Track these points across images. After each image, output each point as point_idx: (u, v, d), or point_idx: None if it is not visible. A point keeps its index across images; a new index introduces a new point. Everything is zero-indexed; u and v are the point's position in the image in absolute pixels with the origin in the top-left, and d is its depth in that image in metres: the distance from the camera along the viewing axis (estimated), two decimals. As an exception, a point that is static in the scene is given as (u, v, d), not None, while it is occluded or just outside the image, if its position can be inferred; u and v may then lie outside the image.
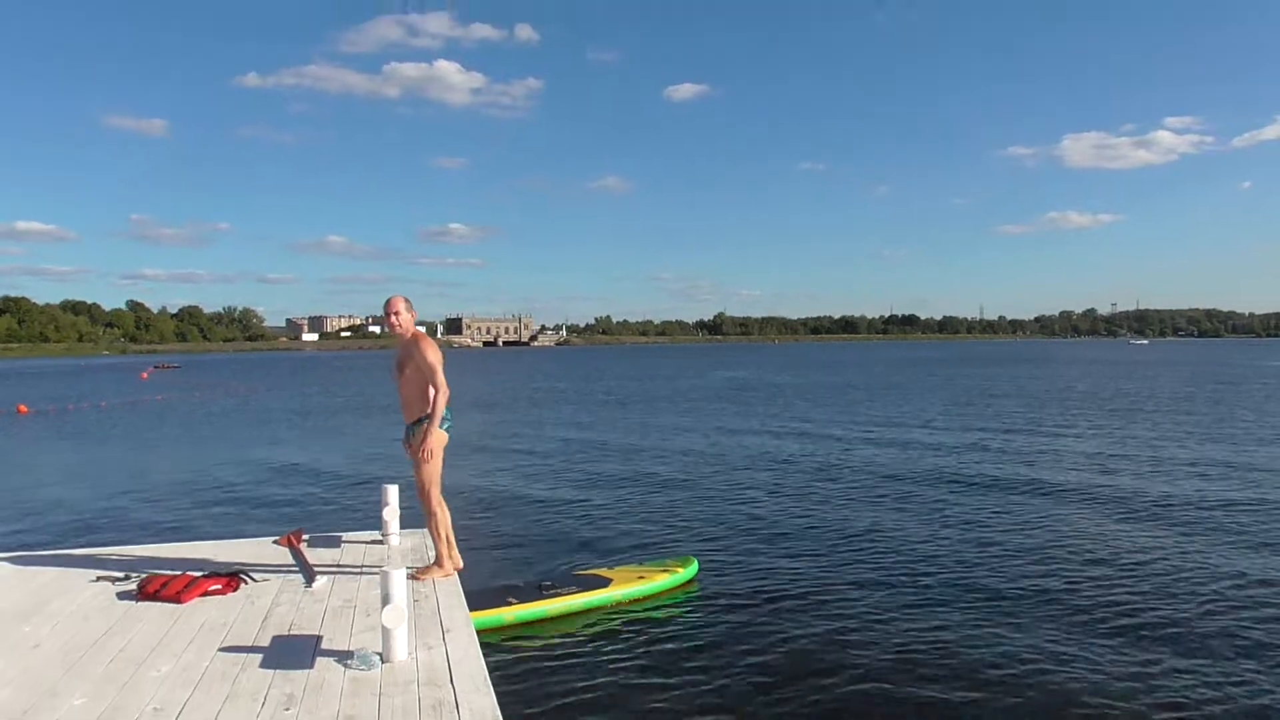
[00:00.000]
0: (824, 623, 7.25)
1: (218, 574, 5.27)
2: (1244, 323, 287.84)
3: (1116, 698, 5.68)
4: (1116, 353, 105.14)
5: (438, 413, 5.41)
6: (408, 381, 5.58)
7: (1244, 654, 6.38)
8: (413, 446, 5.50)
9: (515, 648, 6.72)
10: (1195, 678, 5.96)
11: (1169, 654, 6.39)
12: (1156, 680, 5.94)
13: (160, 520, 11.68)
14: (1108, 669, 6.13)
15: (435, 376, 5.42)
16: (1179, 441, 18.40)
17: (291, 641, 4.26)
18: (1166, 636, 6.75)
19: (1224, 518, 10.84)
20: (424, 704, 3.48)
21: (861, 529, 10.69)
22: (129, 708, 3.49)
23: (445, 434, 5.52)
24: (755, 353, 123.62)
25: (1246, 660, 6.26)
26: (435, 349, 5.52)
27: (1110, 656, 6.39)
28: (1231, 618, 7.14)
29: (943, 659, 6.43)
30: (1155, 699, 5.66)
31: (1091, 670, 6.13)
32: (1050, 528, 10.68)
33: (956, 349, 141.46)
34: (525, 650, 6.68)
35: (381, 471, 15.03)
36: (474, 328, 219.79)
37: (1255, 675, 5.99)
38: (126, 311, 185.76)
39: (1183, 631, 6.86)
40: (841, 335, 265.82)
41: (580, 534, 10.76)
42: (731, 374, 57.31)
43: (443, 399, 5.43)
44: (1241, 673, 6.04)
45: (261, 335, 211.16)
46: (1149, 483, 13.42)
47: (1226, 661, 6.24)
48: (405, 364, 5.60)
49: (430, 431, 5.40)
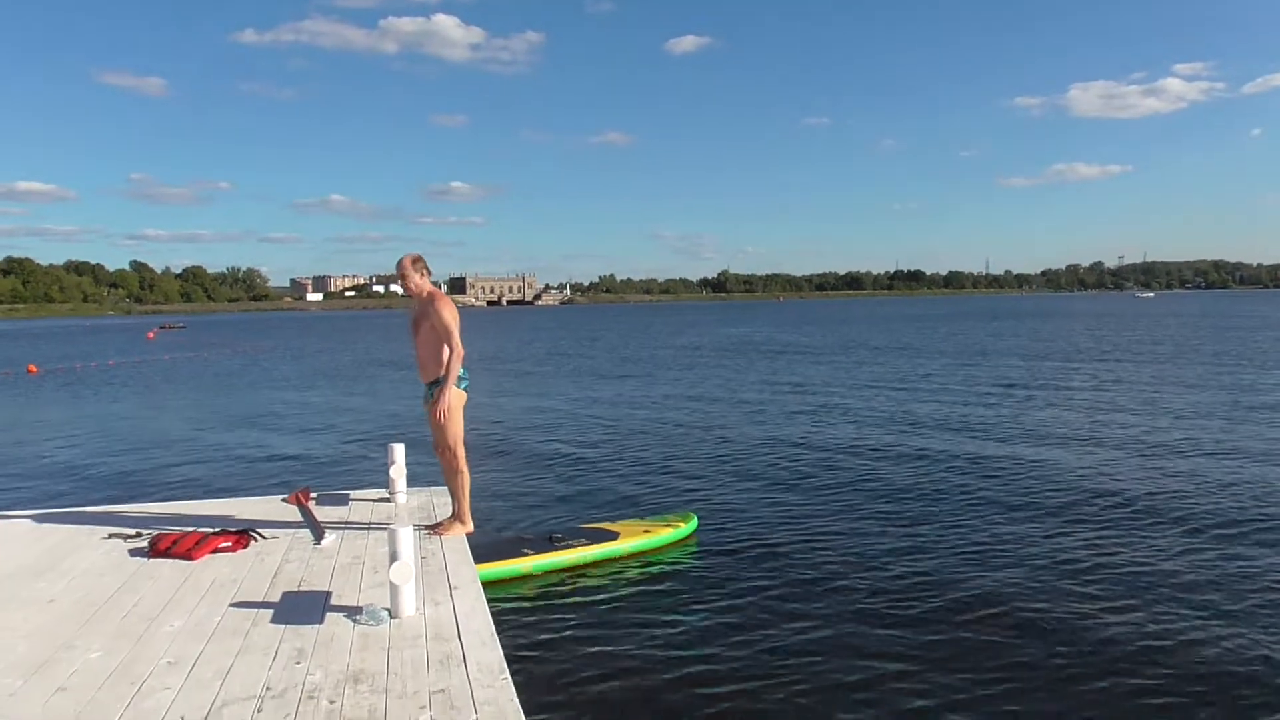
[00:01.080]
0: (820, 572, 7.41)
1: (228, 531, 5.35)
2: (1252, 274, 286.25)
3: (1121, 646, 5.76)
4: (1121, 305, 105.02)
5: (453, 373, 5.43)
6: (424, 342, 5.57)
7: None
8: (431, 407, 5.54)
9: (522, 600, 6.83)
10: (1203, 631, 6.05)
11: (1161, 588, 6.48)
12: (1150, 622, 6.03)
13: (170, 479, 11.81)
14: (1114, 618, 6.22)
15: (450, 337, 5.43)
16: (1155, 387, 18.47)
17: (301, 597, 4.34)
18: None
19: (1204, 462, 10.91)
20: (432, 658, 3.56)
21: (852, 481, 10.87)
22: (144, 660, 3.57)
23: (463, 393, 5.55)
24: (759, 310, 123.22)
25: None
26: (451, 308, 5.51)
27: (1114, 602, 6.50)
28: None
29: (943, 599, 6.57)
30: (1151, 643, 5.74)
31: (1087, 618, 6.22)
32: (1036, 473, 10.94)
33: (961, 304, 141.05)
34: (533, 602, 6.78)
35: (389, 430, 15.12)
36: (478, 287, 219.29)
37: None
38: (130, 272, 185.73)
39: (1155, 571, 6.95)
40: (847, 291, 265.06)
41: (581, 488, 10.87)
42: (735, 330, 57.28)
43: (457, 359, 5.45)
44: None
45: (266, 295, 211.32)
46: (1128, 428, 13.49)
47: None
48: (420, 324, 5.59)
49: (446, 391, 5.43)
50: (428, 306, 5.53)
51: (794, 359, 32.04)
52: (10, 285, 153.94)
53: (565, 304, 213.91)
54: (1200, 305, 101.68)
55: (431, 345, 5.53)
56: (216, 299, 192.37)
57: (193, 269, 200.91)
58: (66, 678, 3.41)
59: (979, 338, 43.59)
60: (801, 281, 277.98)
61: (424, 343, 5.58)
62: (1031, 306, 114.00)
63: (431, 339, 5.53)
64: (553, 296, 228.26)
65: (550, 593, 7.01)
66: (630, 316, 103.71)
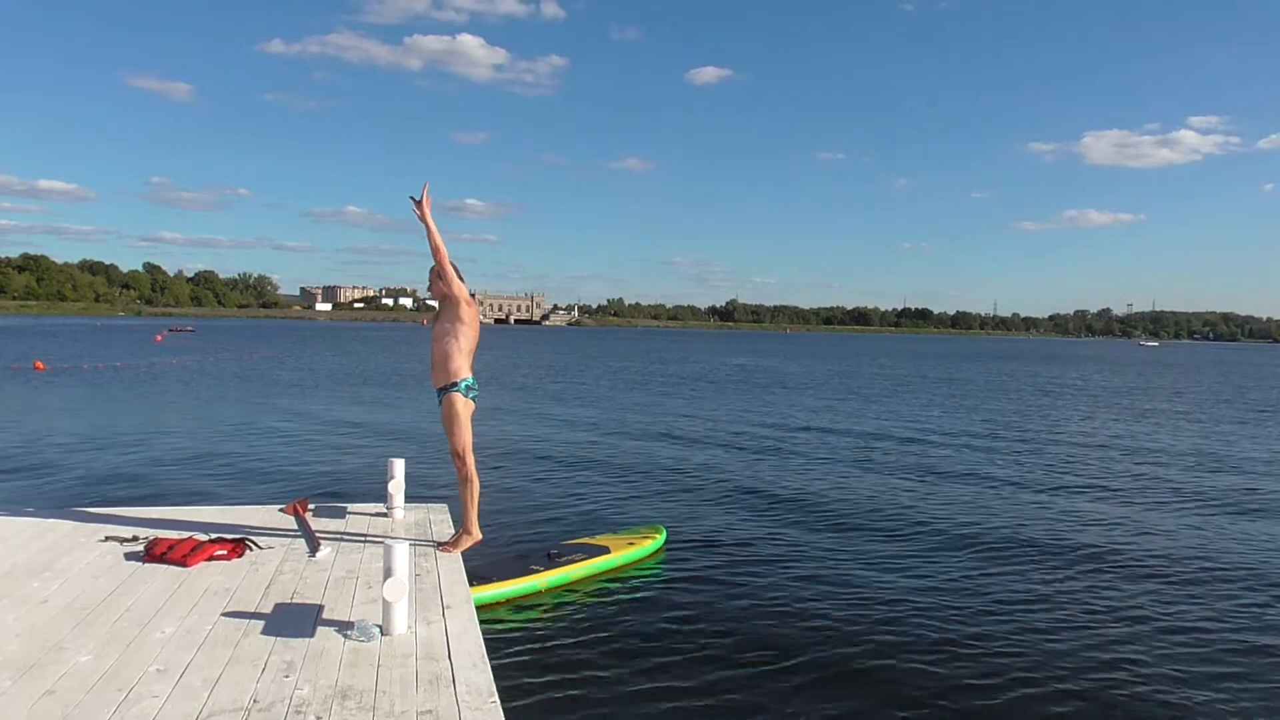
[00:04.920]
0: (782, 580, 7.81)
1: (223, 539, 5.35)
2: (1261, 327, 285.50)
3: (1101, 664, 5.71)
4: (1124, 353, 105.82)
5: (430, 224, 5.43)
6: (435, 340, 5.54)
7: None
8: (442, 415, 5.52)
9: (518, 618, 6.82)
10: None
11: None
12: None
13: (169, 483, 11.81)
14: (1083, 631, 6.19)
15: (463, 328, 5.48)
16: (1127, 422, 18.44)
17: (293, 609, 4.33)
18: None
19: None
20: (421, 677, 3.54)
21: (830, 498, 11.51)
22: (133, 666, 3.56)
23: (470, 402, 5.52)
24: (765, 341, 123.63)
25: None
26: (468, 303, 5.54)
27: (1088, 614, 6.73)
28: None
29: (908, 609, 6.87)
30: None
31: (1050, 630, 6.27)
32: (992, 491, 12.10)
33: (967, 344, 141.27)
34: (526, 621, 6.77)
35: (389, 444, 15.13)
36: (486, 304, 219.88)
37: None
38: (143, 274, 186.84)
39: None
40: (854, 327, 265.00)
41: (564, 504, 11.08)
42: (740, 360, 57.34)
43: (442, 251, 5.46)
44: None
45: (275, 303, 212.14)
46: (1097, 458, 13.45)
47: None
48: (440, 322, 5.58)
49: (426, 208, 5.43)
50: (443, 302, 5.52)
51: (788, 388, 32.05)
52: (24, 281, 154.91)
53: (572, 325, 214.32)
54: (1204, 355, 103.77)
55: (441, 345, 5.49)
56: (227, 304, 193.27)
57: (205, 273, 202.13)
58: (55, 680, 3.40)
59: (970, 375, 43.77)
60: (809, 314, 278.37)
61: (435, 340, 5.53)
62: (1034, 350, 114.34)
63: (440, 338, 5.50)
64: (560, 317, 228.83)
65: (543, 611, 7.02)
66: (635, 341, 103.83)
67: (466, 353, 5.50)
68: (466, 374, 5.46)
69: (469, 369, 5.49)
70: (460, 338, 5.46)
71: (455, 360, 5.45)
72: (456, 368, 5.44)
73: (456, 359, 5.45)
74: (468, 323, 5.49)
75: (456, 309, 5.50)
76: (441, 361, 5.49)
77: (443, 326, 5.54)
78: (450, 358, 5.46)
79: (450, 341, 5.47)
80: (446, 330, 5.51)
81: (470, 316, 5.52)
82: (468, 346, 5.50)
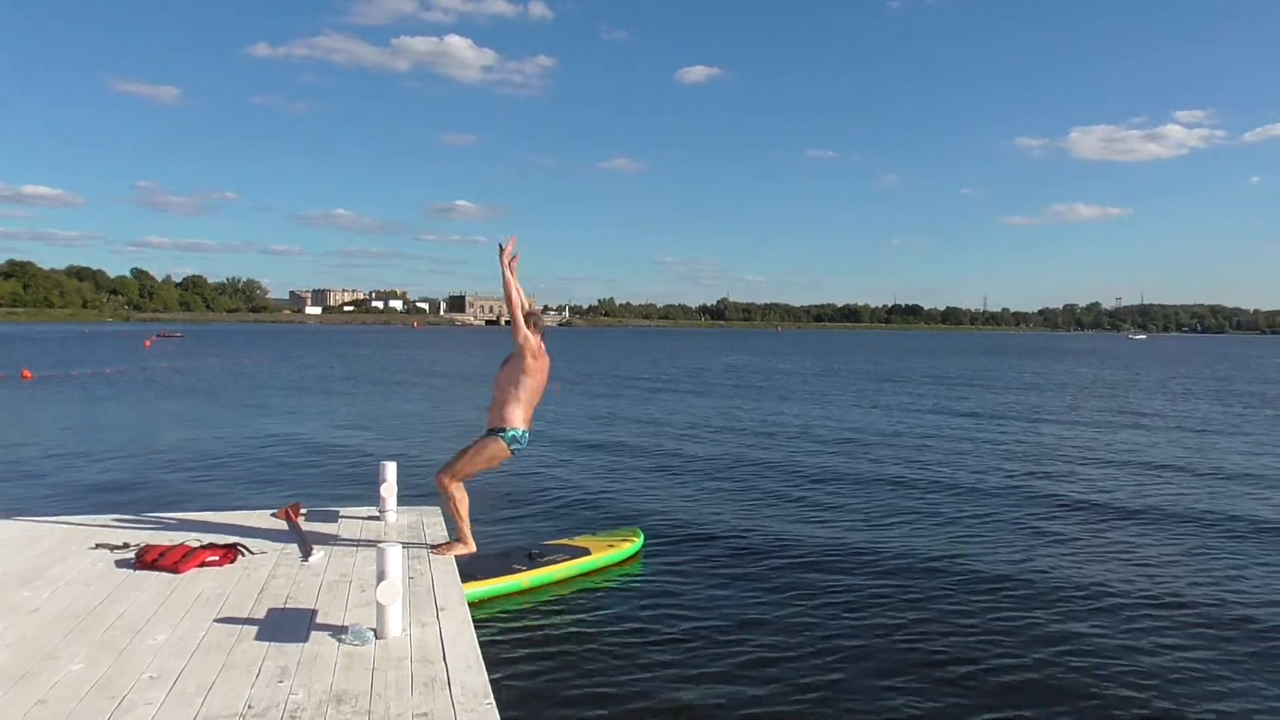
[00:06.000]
0: (759, 581, 7.86)
1: (215, 545, 5.33)
2: (1248, 319, 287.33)
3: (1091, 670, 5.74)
4: (1113, 346, 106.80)
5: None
6: (497, 383, 5.68)
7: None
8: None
9: (507, 620, 6.82)
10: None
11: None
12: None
13: (160, 490, 11.74)
14: (1044, 628, 6.24)
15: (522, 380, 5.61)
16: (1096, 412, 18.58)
17: (286, 614, 4.32)
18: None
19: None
20: (416, 680, 3.54)
21: (809, 497, 11.54)
22: (126, 674, 3.55)
23: (509, 452, 5.61)
24: (756, 339, 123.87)
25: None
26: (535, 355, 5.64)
27: (1055, 625, 6.66)
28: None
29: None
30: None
31: (1014, 622, 6.26)
32: (972, 483, 12.13)
33: (957, 340, 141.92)
34: (516, 622, 6.77)
35: (380, 448, 15.08)
36: (477, 306, 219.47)
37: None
38: (131, 279, 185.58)
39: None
40: (844, 324, 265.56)
41: (544, 505, 11.10)
42: (731, 358, 57.41)
43: (514, 302, 5.61)
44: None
45: (265, 307, 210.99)
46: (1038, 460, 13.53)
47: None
48: (504, 365, 5.71)
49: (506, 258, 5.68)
50: (523, 356, 5.59)
51: (759, 386, 32.13)
52: (11, 288, 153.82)
53: (563, 325, 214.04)
54: (1192, 346, 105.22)
55: (504, 391, 5.61)
56: (215, 309, 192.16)
57: (193, 278, 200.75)
58: (48, 689, 3.39)
59: (957, 370, 44.08)
60: (800, 312, 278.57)
61: (500, 385, 5.66)
62: (1023, 344, 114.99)
63: (507, 385, 5.61)
64: (551, 318, 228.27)
65: (531, 612, 7.03)
66: (624, 341, 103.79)
67: (524, 403, 5.61)
68: (518, 425, 5.58)
69: (522, 420, 5.61)
70: (520, 388, 5.59)
71: (510, 408, 5.58)
72: (509, 415, 5.57)
73: (511, 407, 5.58)
74: (530, 374, 5.61)
75: (523, 359, 5.62)
76: (498, 406, 5.63)
77: (507, 373, 5.67)
78: (506, 404, 5.59)
79: (510, 389, 5.61)
80: (509, 377, 5.64)
81: (535, 369, 5.63)
82: (526, 397, 5.62)
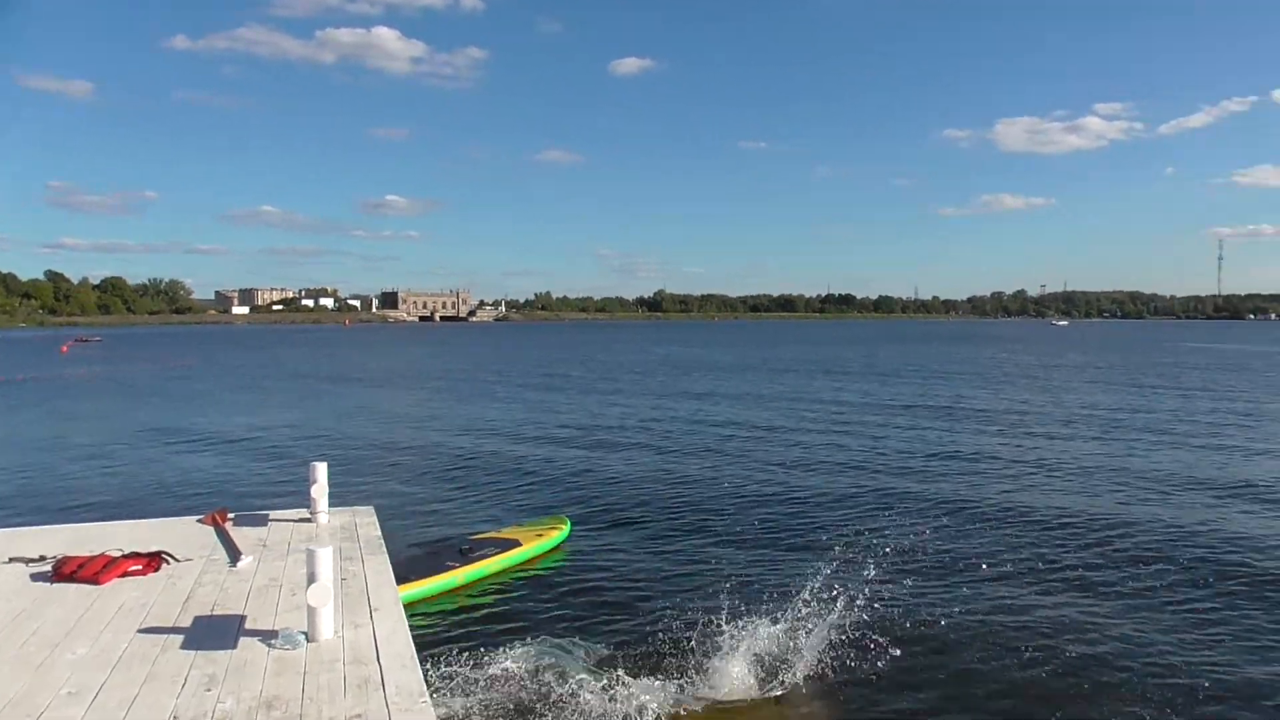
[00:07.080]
0: (679, 558, 8.18)
1: (138, 554, 5.17)
2: (1165, 305, 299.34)
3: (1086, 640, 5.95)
4: (1037, 331, 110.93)
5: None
6: None
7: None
8: None
9: (441, 616, 6.81)
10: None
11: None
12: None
13: (79, 499, 11.35)
14: (1012, 597, 6.42)
15: None
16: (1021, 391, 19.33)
17: (214, 622, 4.21)
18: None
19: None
20: (349, 682, 3.49)
21: (724, 481, 11.85)
22: (43, 690, 3.42)
23: None
24: (691, 330, 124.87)
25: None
26: None
27: (1031, 589, 6.79)
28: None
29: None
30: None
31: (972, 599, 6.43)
32: (886, 464, 12.34)
33: (888, 328, 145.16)
34: (450, 618, 6.78)
35: (311, 449, 14.80)
36: (410, 301, 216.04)
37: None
38: (45, 282, 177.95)
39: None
40: (780, 314, 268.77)
41: (470, 499, 11.19)
42: (664, 349, 57.72)
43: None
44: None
45: (189, 308, 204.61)
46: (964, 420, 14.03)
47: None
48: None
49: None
50: None
51: (705, 375, 32.47)
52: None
53: (500, 320, 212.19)
54: (1109, 330, 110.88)
55: None
56: (137, 311, 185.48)
57: (112, 280, 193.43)
58: (-42, 709, 3.25)
59: (879, 358, 45.03)
60: (736, 303, 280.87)
61: None
62: (952, 331, 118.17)
63: None
64: (487, 313, 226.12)
65: (466, 607, 7.02)
66: (561, 334, 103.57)
67: None
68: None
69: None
70: None
71: None
72: None
73: None
74: None
75: None
76: None
77: None
78: None
79: None
80: None
81: None
82: None
